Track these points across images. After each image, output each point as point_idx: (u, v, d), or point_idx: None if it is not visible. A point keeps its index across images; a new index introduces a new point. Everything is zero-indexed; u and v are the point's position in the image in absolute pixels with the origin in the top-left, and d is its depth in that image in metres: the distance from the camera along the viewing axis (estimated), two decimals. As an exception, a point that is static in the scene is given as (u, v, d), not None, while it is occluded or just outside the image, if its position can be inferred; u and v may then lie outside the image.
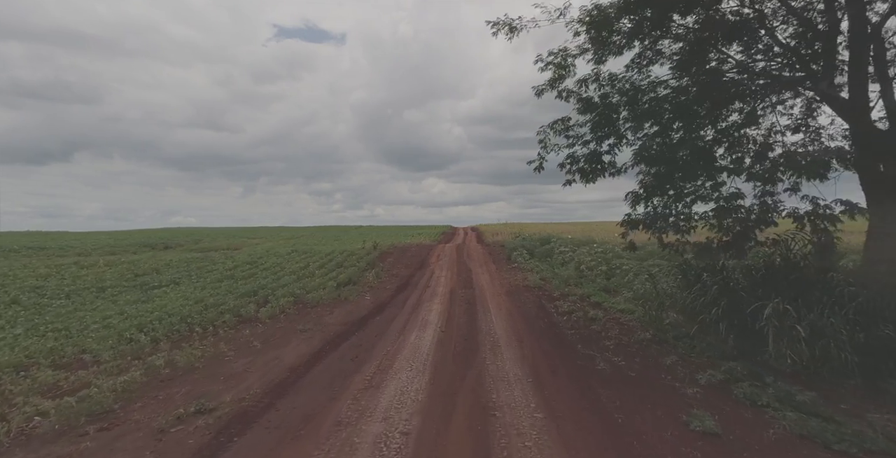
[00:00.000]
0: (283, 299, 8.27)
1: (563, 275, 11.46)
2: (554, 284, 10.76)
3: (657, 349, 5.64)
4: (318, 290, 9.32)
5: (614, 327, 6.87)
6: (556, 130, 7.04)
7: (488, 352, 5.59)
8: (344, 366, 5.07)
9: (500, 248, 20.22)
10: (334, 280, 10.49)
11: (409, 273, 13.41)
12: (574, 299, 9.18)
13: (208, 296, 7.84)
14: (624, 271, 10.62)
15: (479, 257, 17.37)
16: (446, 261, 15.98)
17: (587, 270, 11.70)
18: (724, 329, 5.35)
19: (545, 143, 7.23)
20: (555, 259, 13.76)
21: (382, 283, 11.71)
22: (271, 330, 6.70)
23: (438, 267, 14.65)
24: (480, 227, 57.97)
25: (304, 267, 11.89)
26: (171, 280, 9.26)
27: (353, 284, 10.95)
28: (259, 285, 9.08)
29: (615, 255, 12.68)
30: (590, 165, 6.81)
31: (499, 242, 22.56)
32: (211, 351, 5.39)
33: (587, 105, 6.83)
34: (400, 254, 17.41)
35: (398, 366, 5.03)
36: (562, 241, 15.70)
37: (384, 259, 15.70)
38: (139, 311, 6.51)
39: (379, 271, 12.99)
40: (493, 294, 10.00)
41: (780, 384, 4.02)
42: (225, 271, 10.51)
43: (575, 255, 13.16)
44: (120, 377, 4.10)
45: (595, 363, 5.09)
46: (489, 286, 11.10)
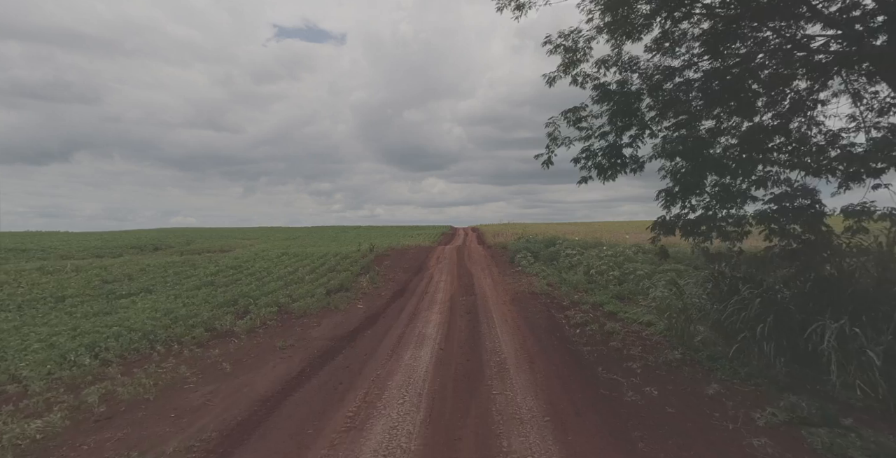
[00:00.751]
0: (265, 310, 7.47)
1: (571, 280, 10.66)
2: (562, 290, 9.95)
3: (692, 374, 4.84)
4: (306, 298, 8.52)
5: (636, 344, 6.07)
6: (570, 121, 6.23)
7: (495, 377, 4.79)
8: (324, 397, 4.27)
9: (502, 250, 19.42)
10: (324, 287, 9.69)
11: (406, 278, 12.61)
12: (586, 308, 8.38)
13: (181, 306, 7.03)
14: (638, 277, 9.82)
15: (480, 259, 16.58)
16: (446, 264, 15.18)
17: (597, 275, 10.89)
18: (772, 351, 4.55)
19: (554, 135, 6.43)
20: (561, 263, 12.96)
21: (377, 289, 10.91)
22: (246, 347, 5.89)
23: (438, 271, 13.85)
24: (481, 227, 57.14)
25: (293, 272, 11.08)
26: (143, 288, 8.45)
27: (345, 290, 10.15)
28: (240, 292, 8.28)
29: (626, 258, 11.88)
30: (608, 160, 5.99)
31: (501, 243, 21.76)
32: (168, 377, 4.59)
33: (605, 92, 6.02)
34: (398, 257, 16.61)
35: (388, 397, 4.23)
36: (568, 243, 14.90)
37: (381, 262, 14.90)
38: (96, 326, 5.72)
39: (374, 276, 12.19)
40: (497, 302, 9.20)
41: (866, 429, 3.21)
42: (205, 277, 9.70)
43: (583, 258, 12.36)
44: (34, 422, 3.28)
45: (622, 393, 4.29)
46: (492, 293, 10.30)
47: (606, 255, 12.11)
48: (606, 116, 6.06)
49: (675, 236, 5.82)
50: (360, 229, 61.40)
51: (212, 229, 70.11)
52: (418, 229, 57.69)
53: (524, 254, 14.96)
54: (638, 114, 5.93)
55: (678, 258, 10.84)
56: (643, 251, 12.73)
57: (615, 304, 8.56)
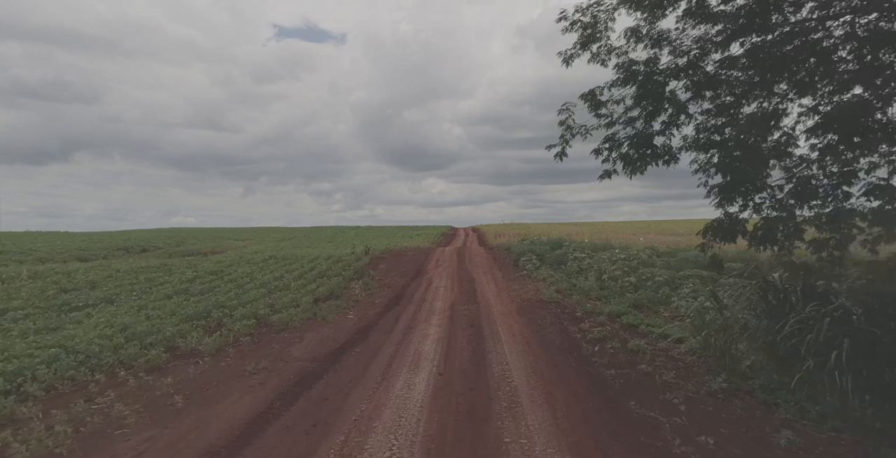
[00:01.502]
0: (241, 323, 6.58)
1: (582, 287, 9.77)
2: (573, 298, 9.06)
3: (747, 411, 3.94)
4: (290, 308, 7.62)
5: (668, 366, 5.18)
6: (591, 105, 5.34)
7: (506, 415, 3.89)
8: (292, 447, 3.37)
9: (505, 252, 18.53)
10: (312, 295, 8.79)
11: (403, 283, 11.72)
12: (601, 319, 7.49)
13: (142, 320, 6.14)
14: (656, 284, 8.93)
15: (482, 262, 15.68)
16: (446, 268, 14.28)
17: (610, 280, 10.00)
18: (849, 384, 3.66)
19: (568, 124, 5.54)
20: (569, 266, 12.07)
21: (371, 296, 10.01)
22: (209, 373, 4.99)
23: (437, 275, 12.96)
24: (482, 227, 56.19)
25: (279, 278, 10.18)
26: (105, 298, 7.53)
27: (335, 298, 9.25)
28: (216, 302, 7.37)
29: (641, 262, 10.99)
30: (637, 151, 5.10)
31: (503, 244, 20.87)
32: (97, 419, 3.69)
33: (630, 72, 5.13)
34: (395, 259, 15.71)
35: (373, 447, 3.34)
36: (576, 245, 14.01)
37: (376, 266, 14.00)
38: (31, 347, 4.82)
39: (368, 281, 11.29)
40: (503, 312, 8.30)
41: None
42: (180, 285, 8.78)
43: (593, 262, 11.47)
44: None
45: (669, 442, 3.39)
46: (497, 300, 9.41)
47: (619, 259, 11.22)
48: (632, 100, 5.18)
49: (734, 242, 4.85)
50: (358, 229, 60.50)
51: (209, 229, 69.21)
52: (418, 229, 56.76)
53: (529, 257, 14.07)
54: (669, 97, 5.04)
55: (699, 263, 9.95)
56: (657, 254, 11.84)
57: (634, 314, 7.67)
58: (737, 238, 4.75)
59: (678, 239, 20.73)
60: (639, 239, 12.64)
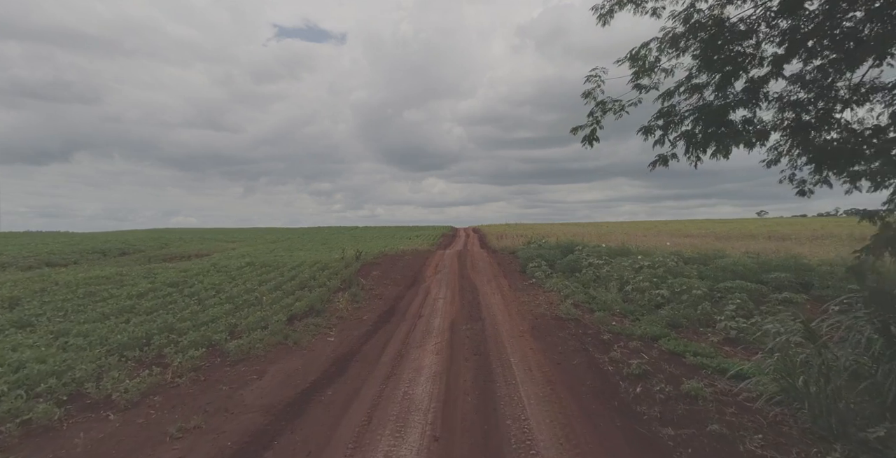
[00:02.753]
0: (186, 354, 5.20)
1: (604, 300, 8.38)
2: (595, 315, 7.67)
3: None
4: (255, 330, 6.25)
5: (746, 425, 3.80)
6: (640, 69, 3.96)
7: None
8: None
9: (509, 256, 17.14)
10: (287, 311, 7.41)
11: (397, 293, 10.34)
12: (636, 345, 6.09)
13: (53, 354, 4.75)
14: (694, 298, 7.54)
15: (485, 268, 14.29)
16: (446, 274, 12.90)
17: (636, 292, 8.62)
18: None
19: (596, 97, 4.17)
20: (584, 274, 10.68)
21: (359, 310, 8.63)
22: (114, 439, 3.61)
23: (436, 283, 11.58)
24: (483, 228, 54.75)
25: (251, 290, 8.77)
26: (20, 321, 6.08)
27: (315, 314, 7.87)
28: (163, 324, 5.98)
29: (668, 270, 9.60)
30: (705, 129, 3.72)
31: (507, 248, 19.49)
32: None
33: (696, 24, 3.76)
34: (389, 265, 14.32)
35: None
36: (590, 250, 12.62)
37: (368, 273, 12.61)
38: None
39: (357, 292, 9.91)
40: (513, 333, 6.93)
41: None
42: (126, 300, 7.36)
43: (613, 270, 10.08)
44: None
45: None
46: (505, 316, 8.03)
47: (643, 266, 9.83)
48: (698, 60, 3.81)
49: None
50: (356, 229, 59.05)
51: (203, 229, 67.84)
52: (417, 229, 55.32)
53: (538, 262, 12.68)
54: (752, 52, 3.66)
55: (741, 272, 8.56)
56: (684, 261, 10.44)
57: (674, 339, 6.29)
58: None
59: (694, 241, 19.34)
60: (665, 243, 11.28)
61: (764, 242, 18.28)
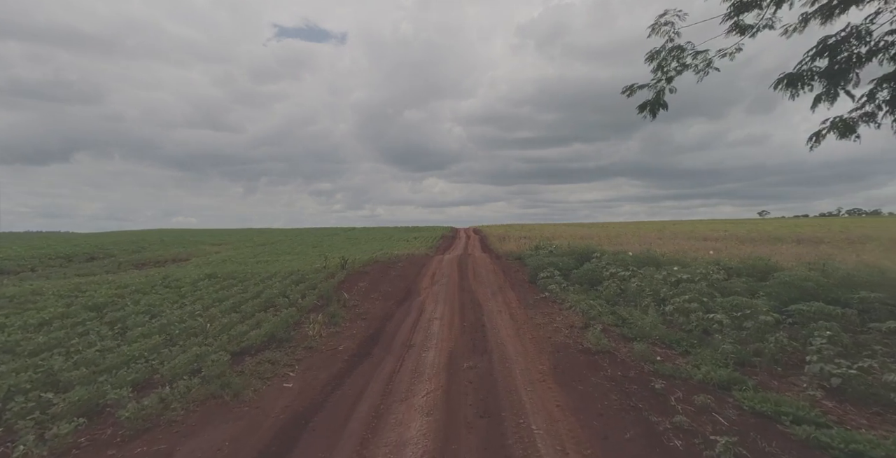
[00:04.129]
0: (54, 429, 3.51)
1: (640, 325, 6.71)
2: (634, 346, 5.97)
3: None
4: (181, 378, 4.57)
5: None
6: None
7: None
8: None
9: (515, 262, 15.45)
10: (237, 343, 5.73)
11: (385, 311, 8.66)
12: (703, 399, 4.41)
13: None
14: (762, 326, 5.85)
15: (489, 277, 12.60)
16: (444, 286, 11.21)
17: (679, 315, 6.94)
18: None
19: (669, 49, 2.50)
20: (607, 288, 9.00)
21: (334, 338, 6.95)
22: None
23: (432, 298, 9.90)
24: (483, 228, 53.00)
25: (197, 314, 7.08)
26: None
27: (275, 346, 6.19)
28: (42, 374, 4.28)
29: (713, 286, 7.91)
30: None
31: (511, 252, 17.78)
32: None
33: None
34: (380, 274, 12.63)
35: None
36: (611, 258, 10.92)
37: (354, 284, 10.92)
38: None
39: (336, 311, 8.23)
40: (531, 377, 5.25)
41: None
42: (17, 332, 5.61)
43: (644, 283, 8.39)
44: None
45: None
46: (517, 347, 6.36)
47: (680, 280, 8.15)
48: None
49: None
50: (353, 231, 57.31)
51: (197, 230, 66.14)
52: (416, 230, 53.57)
53: (550, 272, 11.00)
54: None
55: (807, 290, 6.86)
56: (733, 273, 8.73)
57: (751, 387, 4.61)
58: None
59: (716, 245, 17.63)
60: (708, 252, 9.60)
61: (793, 246, 16.59)
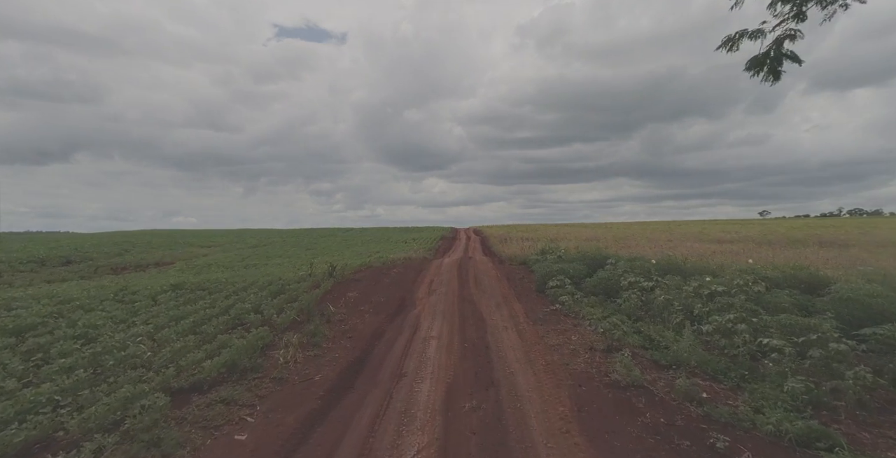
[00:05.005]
0: None
1: (674, 350, 5.61)
2: (678, 383, 4.86)
3: None
4: (91, 436, 3.47)
5: None
6: None
7: None
8: None
9: (519, 267, 14.35)
10: (187, 376, 4.63)
11: (374, 328, 7.57)
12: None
13: None
14: (833, 355, 4.75)
15: (492, 285, 11.50)
16: (442, 296, 10.12)
17: (717, 336, 5.85)
18: None
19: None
20: (627, 300, 7.91)
21: (312, 364, 5.86)
22: None
23: (428, 310, 8.80)
24: (484, 229, 51.87)
25: (143, 336, 5.95)
26: None
27: (236, 378, 5.10)
28: None
29: (753, 300, 6.82)
30: None
31: (515, 256, 16.67)
32: None
33: None
34: (371, 283, 11.53)
35: None
36: (627, 265, 9.81)
37: (342, 295, 9.82)
38: None
39: (318, 329, 7.14)
40: (550, 425, 4.16)
41: None
42: None
43: (672, 296, 7.29)
44: None
45: None
46: (528, 378, 5.26)
47: (715, 292, 7.05)
48: None
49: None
50: (350, 231, 56.21)
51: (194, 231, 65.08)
52: (415, 231, 52.44)
53: (560, 280, 9.90)
54: None
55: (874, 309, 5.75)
56: (771, 283, 7.60)
57: (843, 447, 3.52)
58: None
59: (732, 248, 16.53)
60: (747, 260, 8.49)
61: (817, 249, 15.48)
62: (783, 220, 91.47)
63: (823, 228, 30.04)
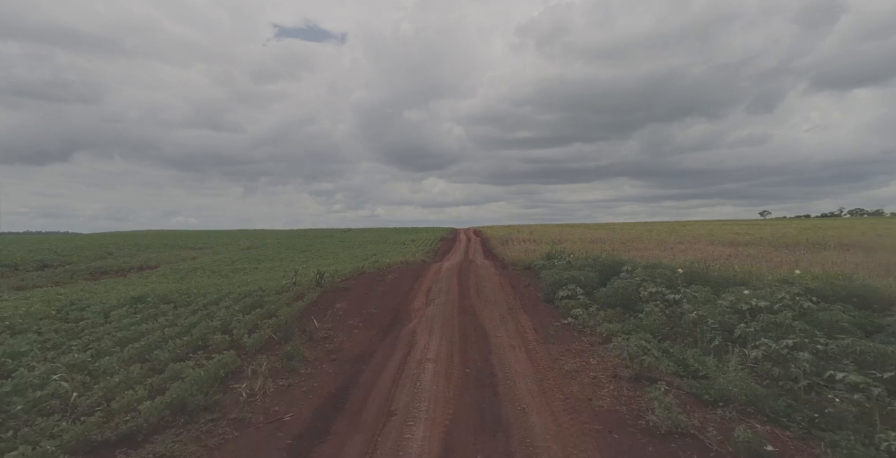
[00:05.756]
0: None
1: (719, 381, 4.64)
2: (737, 433, 3.90)
3: None
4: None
5: None
6: None
7: None
8: None
9: (523, 272, 13.38)
10: (116, 424, 3.67)
11: (362, 348, 6.61)
12: None
13: None
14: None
15: (494, 292, 10.54)
16: (441, 307, 9.14)
17: (769, 363, 4.88)
18: None
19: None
20: (650, 315, 6.95)
21: (282, 398, 4.89)
22: None
23: (425, 325, 7.83)
24: (484, 230, 50.90)
25: (78, 365, 4.93)
26: None
27: (186, 421, 4.13)
28: None
29: (801, 314, 5.86)
30: None
31: (519, 260, 15.70)
32: None
33: None
34: (363, 291, 10.55)
35: None
36: (646, 272, 8.84)
37: (329, 306, 8.85)
38: None
39: (296, 350, 6.17)
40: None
41: None
42: None
43: (704, 311, 6.32)
44: None
45: None
46: (545, 421, 4.30)
47: (756, 308, 6.08)
48: None
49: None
50: (348, 232, 55.23)
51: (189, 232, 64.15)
52: (414, 232, 51.45)
53: (571, 289, 8.94)
54: None
55: None
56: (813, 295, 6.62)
57: None
58: None
59: (749, 251, 15.58)
60: (794, 271, 7.52)
61: (842, 253, 14.52)
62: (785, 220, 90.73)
63: (835, 228, 29.09)
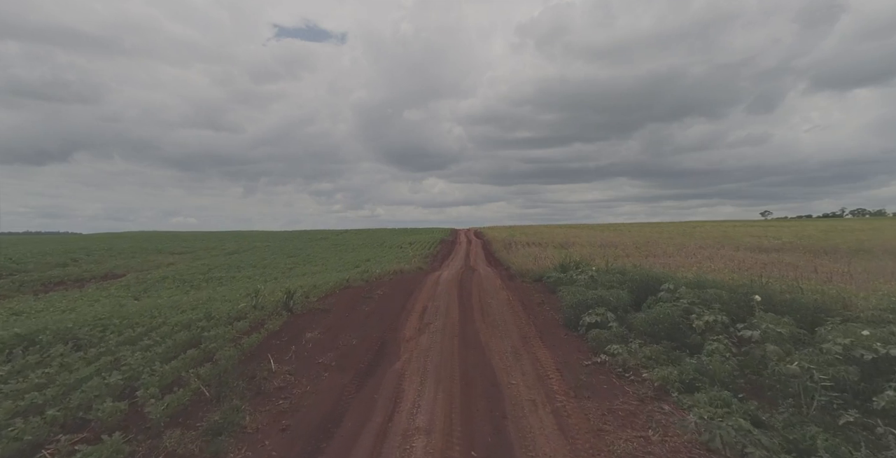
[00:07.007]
0: None
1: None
2: None
3: None
4: None
5: None
6: None
7: None
8: None
9: (534, 285, 11.60)
10: None
11: (329, 406, 4.85)
12: None
13: None
14: None
15: (503, 313, 8.76)
16: (437, 335, 7.36)
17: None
18: None
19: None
20: (712, 355, 5.19)
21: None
22: None
23: (416, 365, 6.05)
24: (485, 231, 49.03)
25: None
26: None
27: None
28: None
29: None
30: None
31: (527, 270, 13.91)
32: None
33: None
34: (345, 312, 8.77)
35: None
36: (693, 294, 7.07)
37: (298, 337, 7.06)
38: None
39: (230, 417, 4.41)
40: None
41: None
42: None
43: (802, 358, 4.55)
44: None
45: None
46: None
47: (887, 355, 4.32)
48: None
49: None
50: (344, 234, 53.39)
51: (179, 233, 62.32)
52: (413, 233, 49.62)
53: (600, 314, 7.18)
54: None
55: None
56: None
57: None
58: None
59: (782, 257, 13.84)
60: (878, 291, 5.80)
61: (892, 261, 12.77)
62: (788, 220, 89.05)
63: (857, 231, 27.34)
